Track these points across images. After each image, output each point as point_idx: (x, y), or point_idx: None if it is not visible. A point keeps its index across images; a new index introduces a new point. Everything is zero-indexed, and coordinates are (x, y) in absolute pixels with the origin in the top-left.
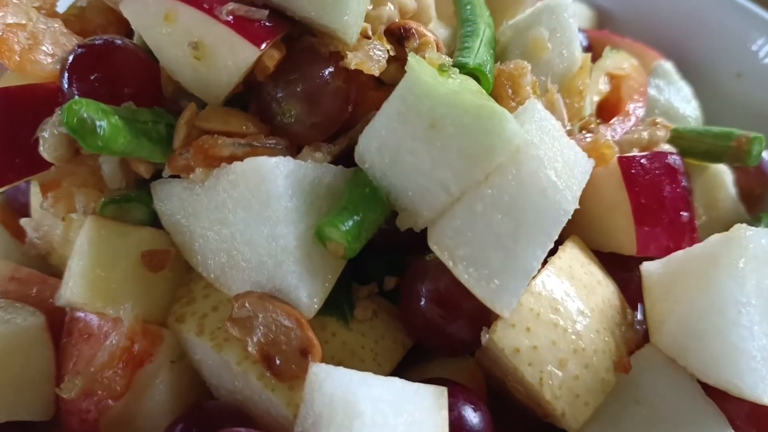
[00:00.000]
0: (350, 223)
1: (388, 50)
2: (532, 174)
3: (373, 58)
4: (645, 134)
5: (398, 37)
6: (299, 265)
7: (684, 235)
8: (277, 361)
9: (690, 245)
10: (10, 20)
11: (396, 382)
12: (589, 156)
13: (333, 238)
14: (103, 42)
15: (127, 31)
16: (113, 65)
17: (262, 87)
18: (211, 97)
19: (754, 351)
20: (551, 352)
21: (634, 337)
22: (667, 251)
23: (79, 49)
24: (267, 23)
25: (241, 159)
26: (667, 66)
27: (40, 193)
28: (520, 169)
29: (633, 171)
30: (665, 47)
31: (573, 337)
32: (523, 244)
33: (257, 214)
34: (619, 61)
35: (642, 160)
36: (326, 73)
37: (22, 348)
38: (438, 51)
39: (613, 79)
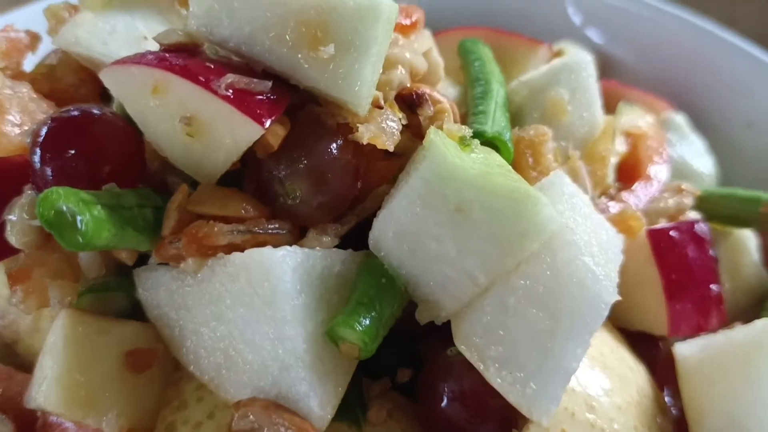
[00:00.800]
0: (366, 321)
1: (400, 119)
2: (569, 262)
3: (386, 130)
4: (671, 202)
5: (410, 104)
6: (309, 370)
7: (713, 309)
8: None
9: (719, 319)
10: None
11: None
12: (616, 228)
13: (347, 338)
14: (79, 113)
15: (102, 90)
16: (91, 140)
17: (262, 164)
18: (205, 176)
19: None
20: None
21: (670, 425)
22: (697, 329)
23: (52, 122)
24: (270, 96)
25: (240, 248)
26: (679, 119)
27: (9, 284)
28: (554, 257)
29: (663, 245)
30: (670, 96)
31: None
32: (562, 342)
33: (260, 312)
34: (635, 118)
35: (671, 233)
36: (334, 147)
37: None
38: (454, 119)
39: (630, 137)
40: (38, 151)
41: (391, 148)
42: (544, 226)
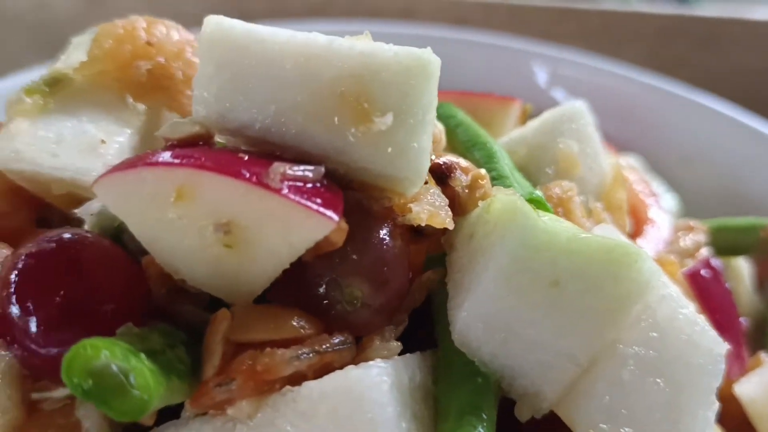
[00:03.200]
0: (484, 428)
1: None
2: (671, 319)
3: (440, 207)
4: (689, 241)
5: (440, 175)
6: None
7: (742, 341)
8: None
9: (744, 349)
10: None
11: None
12: None
13: None
14: (58, 241)
15: (38, 218)
16: (85, 273)
17: (310, 269)
18: (240, 295)
19: None
20: None
21: None
22: (740, 366)
23: (28, 259)
24: (325, 184)
25: (304, 377)
26: (635, 161)
27: None
28: (655, 316)
29: (703, 286)
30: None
31: None
32: (692, 410)
33: None
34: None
35: (702, 272)
36: (386, 236)
37: None
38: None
39: None
40: (14, 299)
41: (451, 226)
42: (647, 283)
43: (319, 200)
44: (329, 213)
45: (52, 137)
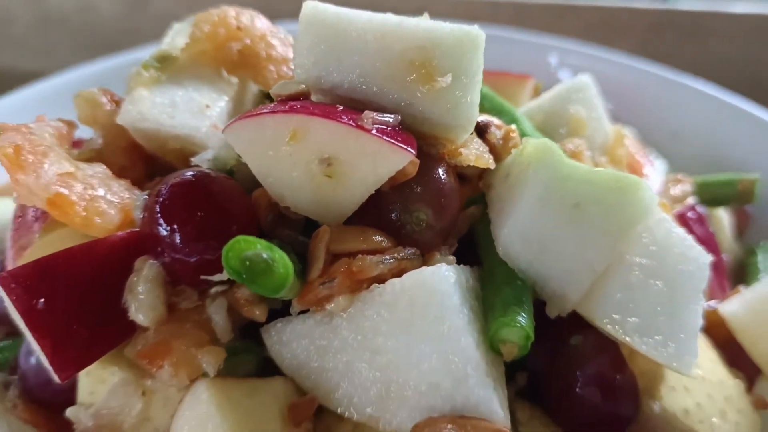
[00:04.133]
0: (523, 319)
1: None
2: (667, 236)
3: (483, 152)
4: (677, 190)
5: (479, 130)
6: (487, 376)
7: (725, 277)
8: None
9: (726, 281)
10: (58, 170)
11: None
12: None
13: (509, 339)
14: (194, 175)
15: (151, 171)
16: (216, 200)
17: (387, 196)
18: (334, 217)
19: None
20: (711, 405)
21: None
22: (721, 295)
23: (171, 188)
24: (401, 128)
25: (387, 277)
26: (629, 131)
27: (142, 364)
28: (654, 235)
29: (688, 225)
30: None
31: (720, 386)
32: (684, 305)
33: (425, 332)
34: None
35: (689, 214)
36: (443, 173)
37: None
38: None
39: None
40: (160, 221)
41: (492, 166)
42: (649, 207)
43: (399, 139)
44: (408, 148)
45: (167, 103)
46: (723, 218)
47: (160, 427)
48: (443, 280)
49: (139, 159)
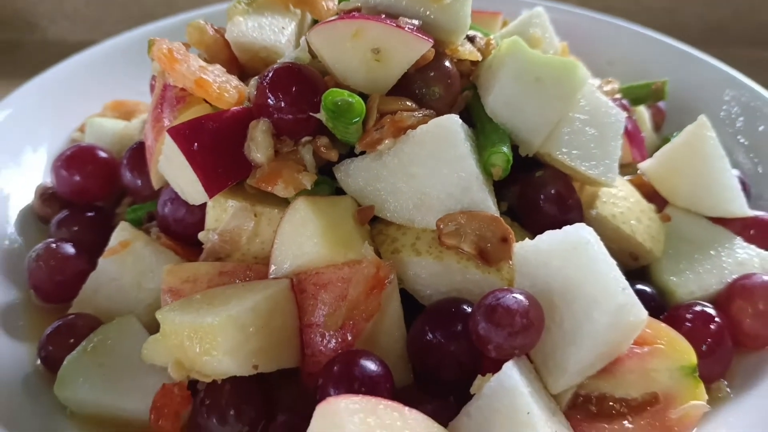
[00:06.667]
0: (505, 149)
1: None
2: (596, 101)
3: (474, 50)
4: (608, 88)
5: (469, 39)
6: (483, 184)
7: (645, 153)
8: (489, 250)
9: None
10: (198, 64)
11: None
12: None
13: (497, 163)
14: (290, 64)
15: (242, 78)
16: (306, 79)
17: (412, 76)
18: (381, 89)
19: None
20: (631, 213)
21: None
22: (641, 157)
23: (276, 71)
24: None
25: (416, 126)
26: None
27: (264, 186)
28: (588, 99)
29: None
30: None
31: (638, 203)
32: (608, 142)
33: (442, 160)
34: None
35: (615, 103)
36: (449, 63)
37: (280, 306)
38: None
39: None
40: (269, 93)
41: (479, 59)
42: (584, 80)
43: (422, 34)
44: (429, 39)
45: (256, 25)
46: (644, 113)
47: (266, 241)
48: (453, 122)
49: (234, 69)
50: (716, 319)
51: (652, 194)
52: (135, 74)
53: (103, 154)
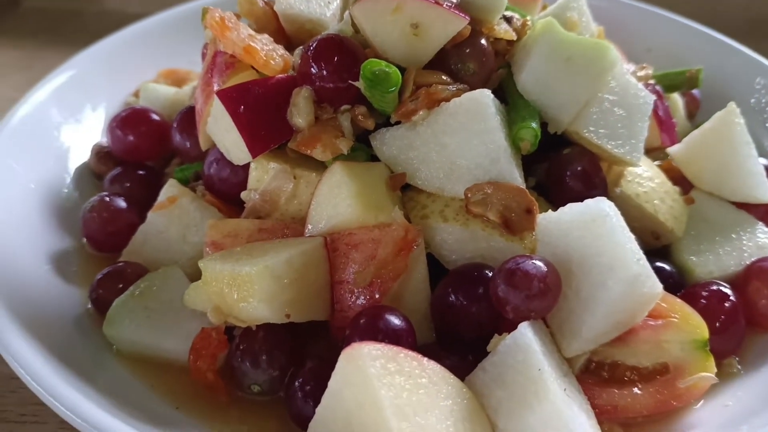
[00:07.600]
0: (534, 125)
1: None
2: (626, 83)
3: (509, 29)
4: (642, 73)
5: (506, 19)
6: (511, 156)
7: (674, 131)
8: (513, 219)
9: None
10: (247, 32)
11: None
12: None
13: (525, 137)
14: (333, 36)
15: (288, 48)
16: (347, 50)
17: (449, 52)
18: (418, 62)
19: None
20: (654, 193)
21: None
22: (671, 142)
23: (319, 42)
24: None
25: (450, 98)
26: None
27: (301, 149)
28: (617, 80)
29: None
30: None
31: (662, 184)
32: (635, 123)
33: (472, 131)
34: None
35: (649, 89)
36: (484, 41)
37: (314, 262)
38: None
39: None
40: (312, 62)
41: (514, 38)
42: (615, 62)
43: (459, 11)
44: (465, 16)
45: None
46: (677, 101)
47: (303, 202)
48: (485, 96)
49: (282, 39)
50: (731, 297)
51: (679, 179)
52: (187, 45)
53: (155, 117)
